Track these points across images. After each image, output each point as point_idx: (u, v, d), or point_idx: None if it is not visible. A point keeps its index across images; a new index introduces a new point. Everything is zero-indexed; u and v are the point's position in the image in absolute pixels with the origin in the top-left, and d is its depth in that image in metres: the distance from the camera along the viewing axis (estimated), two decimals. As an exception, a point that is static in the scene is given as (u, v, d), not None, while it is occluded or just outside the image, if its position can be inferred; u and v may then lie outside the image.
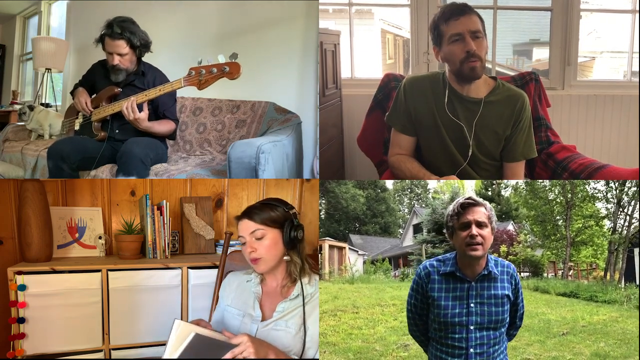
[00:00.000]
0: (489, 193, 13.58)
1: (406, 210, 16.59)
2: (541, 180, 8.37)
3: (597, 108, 3.48)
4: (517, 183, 9.85)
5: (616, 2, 3.75)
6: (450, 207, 1.45)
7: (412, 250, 10.64)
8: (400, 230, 14.91)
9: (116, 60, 2.64)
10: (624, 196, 7.91)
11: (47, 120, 3.85)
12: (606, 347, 3.74)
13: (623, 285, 6.79)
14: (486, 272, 1.40)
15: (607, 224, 8.50)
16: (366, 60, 4.00)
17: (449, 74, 2.08)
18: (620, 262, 8.09)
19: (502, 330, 1.41)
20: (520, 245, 9.54)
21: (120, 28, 2.59)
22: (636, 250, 7.92)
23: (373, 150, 2.69)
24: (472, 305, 1.37)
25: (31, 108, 3.90)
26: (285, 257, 1.56)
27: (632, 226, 7.94)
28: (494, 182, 12.43)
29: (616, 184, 7.82)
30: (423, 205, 14.19)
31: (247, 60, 3.24)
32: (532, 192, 8.95)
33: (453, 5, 2.02)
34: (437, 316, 1.39)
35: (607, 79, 3.81)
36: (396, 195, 16.77)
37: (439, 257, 1.47)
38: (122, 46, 2.62)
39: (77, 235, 2.56)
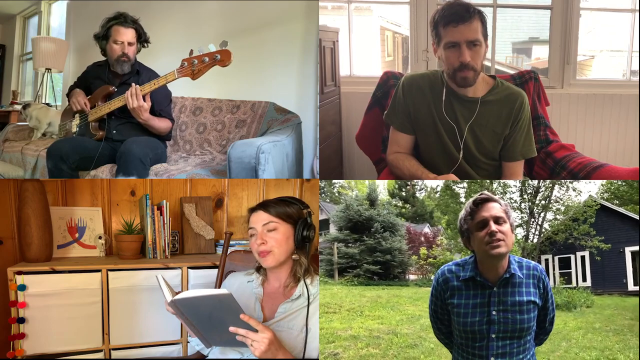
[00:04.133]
0: (403, 194, 12.80)
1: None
2: (461, 185, 8.53)
3: (596, 107, 3.47)
4: (435, 187, 9.92)
5: (616, 1, 3.74)
6: (462, 211, 1.35)
7: (321, 250, 9.11)
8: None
9: (126, 48, 2.67)
10: (535, 207, 8.41)
11: (47, 118, 3.85)
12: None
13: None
14: (508, 275, 1.30)
15: (520, 232, 8.88)
16: (365, 58, 3.99)
17: (447, 74, 2.07)
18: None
19: (528, 338, 1.31)
20: (440, 248, 9.49)
21: (131, 19, 2.68)
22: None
23: (371, 148, 2.69)
24: (493, 312, 1.28)
25: (25, 107, 3.92)
26: (293, 256, 1.55)
27: (542, 235, 8.60)
28: (408, 182, 11.77)
29: (529, 196, 8.25)
30: (327, 200, 12.80)
31: (247, 60, 3.27)
32: (452, 196, 9.08)
33: (454, 8, 1.92)
34: (458, 324, 1.33)
35: (606, 78, 3.79)
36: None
37: (458, 260, 1.38)
38: (132, 35, 2.70)
39: (77, 235, 2.56)
